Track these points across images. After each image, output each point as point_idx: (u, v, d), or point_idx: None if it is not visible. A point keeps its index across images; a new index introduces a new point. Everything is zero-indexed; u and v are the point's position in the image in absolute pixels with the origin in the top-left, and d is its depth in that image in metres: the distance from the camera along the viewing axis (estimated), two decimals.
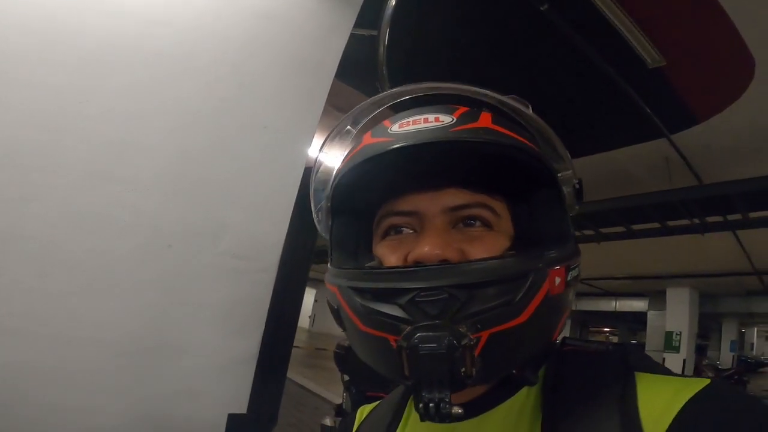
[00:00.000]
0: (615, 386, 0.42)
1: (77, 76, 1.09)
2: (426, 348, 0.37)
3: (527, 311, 0.40)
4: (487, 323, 0.39)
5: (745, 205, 4.51)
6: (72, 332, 1.11)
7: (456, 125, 0.45)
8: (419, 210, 0.48)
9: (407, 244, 0.47)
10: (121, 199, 1.12)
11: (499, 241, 0.47)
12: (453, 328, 0.38)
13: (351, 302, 0.44)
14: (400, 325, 0.40)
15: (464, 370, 0.38)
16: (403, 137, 0.45)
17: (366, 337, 0.43)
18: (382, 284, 0.43)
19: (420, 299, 0.39)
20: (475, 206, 0.47)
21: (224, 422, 1.33)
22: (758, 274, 9.49)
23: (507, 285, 0.41)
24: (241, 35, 1.36)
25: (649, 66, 2.93)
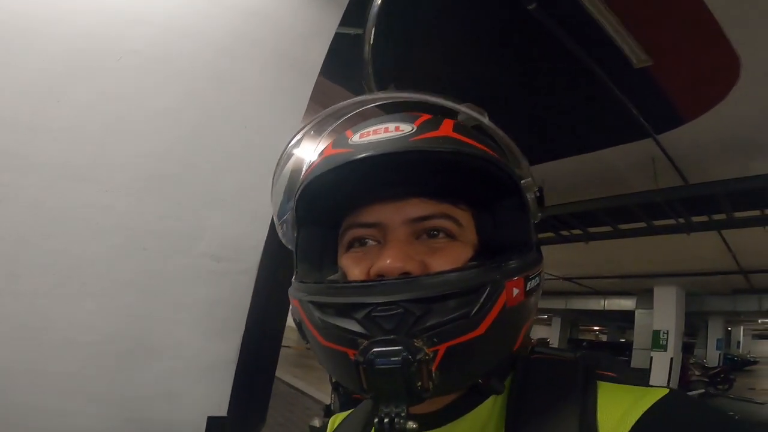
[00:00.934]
0: (576, 395, 0.43)
1: (51, 75, 1.07)
2: (381, 363, 0.37)
3: (484, 323, 0.40)
4: (444, 336, 0.39)
5: (730, 204, 4.57)
6: (44, 334, 1.09)
7: (416, 134, 0.44)
8: (382, 221, 0.47)
9: (371, 256, 0.47)
10: (95, 200, 1.10)
11: (461, 252, 0.47)
12: (408, 342, 0.38)
13: (311, 317, 0.44)
14: (357, 339, 0.39)
15: (420, 384, 0.37)
16: (362, 148, 0.44)
17: (326, 351, 0.43)
18: (339, 299, 0.43)
19: (376, 314, 0.39)
20: (438, 217, 0.47)
21: (204, 425, 1.31)
22: (744, 273, 9.63)
23: (463, 298, 0.40)
24: (223, 33, 1.34)
25: (635, 66, 2.94)
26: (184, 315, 1.25)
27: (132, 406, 1.19)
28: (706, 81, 3.21)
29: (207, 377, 1.32)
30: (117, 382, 1.17)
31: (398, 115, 0.48)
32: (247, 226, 1.34)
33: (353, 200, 0.49)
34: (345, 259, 0.50)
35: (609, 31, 2.67)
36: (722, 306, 13.45)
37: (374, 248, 0.48)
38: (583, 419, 0.40)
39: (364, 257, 0.48)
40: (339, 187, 0.47)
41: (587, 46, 2.83)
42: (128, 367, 1.19)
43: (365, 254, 0.48)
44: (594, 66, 2.95)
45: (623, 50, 2.80)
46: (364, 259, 0.47)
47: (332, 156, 0.46)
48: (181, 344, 1.26)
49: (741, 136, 3.82)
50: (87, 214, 1.10)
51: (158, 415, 1.23)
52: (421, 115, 0.47)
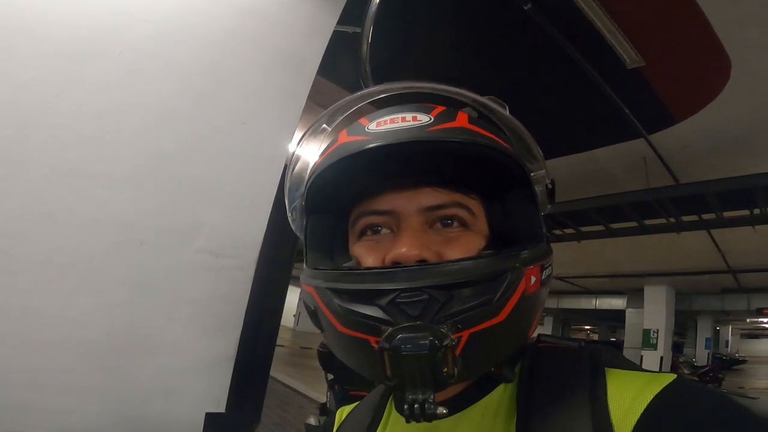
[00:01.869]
0: (585, 381, 0.43)
1: (48, 70, 1.06)
2: (408, 349, 0.37)
3: (505, 310, 0.41)
4: (467, 323, 0.39)
5: (720, 204, 4.64)
6: (41, 331, 1.08)
7: (433, 125, 0.45)
8: (396, 209, 0.47)
9: (384, 245, 0.47)
10: (92, 196, 1.09)
11: (475, 241, 0.47)
12: (434, 328, 0.38)
13: (329, 303, 0.44)
14: (380, 326, 0.39)
15: (446, 369, 0.38)
16: (380, 136, 0.45)
17: (345, 338, 0.43)
18: (361, 285, 0.42)
19: (400, 300, 0.39)
20: (451, 206, 0.47)
21: (202, 421, 1.30)
22: (732, 272, 9.75)
23: (485, 285, 0.41)
24: (222, 31, 1.34)
25: (628, 66, 2.98)
26: (182, 311, 1.25)
27: (129, 402, 1.19)
28: (697, 82, 3.25)
29: (205, 374, 1.32)
30: (114, 378, 1.17)
31: (414, 105, 0.48)
32: (246, 222, 1.34)
33: (366, 188, 0.49)
34: (358, 247, 0.50)
35: (603, 32, 2.70)
36: (711, 305, 13.60)
37: (388, 236, 0.48)
38: (595, 404, 0.41)
39: (377, 245, 0.48)
40: (353, 174, 0.47)
41: (581, 47, 2.86)
42: (125, 363, 1.18)
43: (378, 242, 0.48)
44: (587, 66, 2.98)
45: (616, 51, 2.83)
46: (378, 248, 0.47)
47: (349, 143, 0.46)
48: (179, 340, 1.26)
49: (731, 136, 3.87)
50: (84, 210, 1.09)
51: (156, 411, 1.22)
52: (436, 107, 0.48)
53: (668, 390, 0.40)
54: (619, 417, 0.39)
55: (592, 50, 2.87)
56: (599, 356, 0.47)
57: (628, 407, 0.39)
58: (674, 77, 3.15)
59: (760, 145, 3.95)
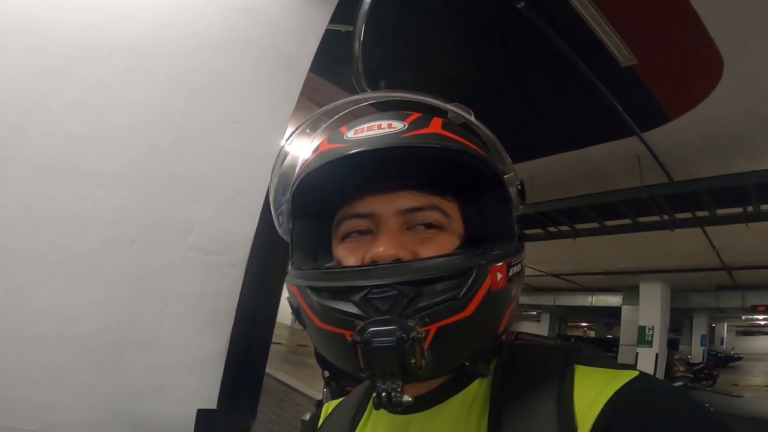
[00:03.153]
0: (555, 377, 0.45)
1: (38, 69, 1.07)
2: (378, 341, 0.40)
3: (471, 305, 0.43)
4: (435, 317, 0.41)
5: (714, 202, 4.65)
6: (34, 327, 1.09)
7: (407, 131, 0.47)
8: (375, 212, 0.50)
9: (365, 246, 0.49)
10: (84, 194, 1.10)
11: (449, 241, 0.50)
12: (402, 321, 0.40)
13: (309, 301, 0.46)
14: (354, 321, 0.42)
15: (414, 361, 0.40)
16: (357, 143, 0.47)
17: (324, 334, 0.45)
18: (336, 283, 0.45)
19: (372, 296, 0.42)
20: (427, 209, 0.50)
21: (194, 417, 1.31)
22: (727, 270, 9.79)
23: (452, 281, 0.43)
24: (213, 29, 1.34)
25: (621, 64, 2.99)
26: (174, 308, 1.26)
27: (122, 398, 1.20)
28: (690, 80, 3.26)
29: (197, 370, 1.32)
30: (106, 375, 1.17)
31: (391, 113, 0.51)
32: (237, 219, 1.35)
33: (347, 192, 0.51)
34: (340, 249, 0.52)
35: (596, 31, 2.71)
36: (706, 302, 13.62)
37: (368, 238, 0.50)
38: (561, 399, 0.43)
39: (358, 247, 0.50)
40: (334, 179, 0.49)
41: (574, 45, 2.87)
42: (118, 360, 1.19)
43: (359, 244, 0.50)
44: (581, 64, 2.99)
45: (609, 49, 2.84)
46: (359, 249, 0.50)
47: (328, 150, 0.49)
48: (171, 337, 1.27)
49: (724, 134, 3.89)
50: (76, 208, 1.10)
51: (148, 407, 1.24)
52: (411, 114, 0.51)
53: (628, 386, 0.42)
54: (582, 411, 0.41)
55: (585, 49, 2.88)
56: (571, 353, 0.49)
57: (591, 402, 0.42)
58: (667, 75, 3.17)
59: (753, 142, 3.97)
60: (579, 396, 0.43)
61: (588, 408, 0.41)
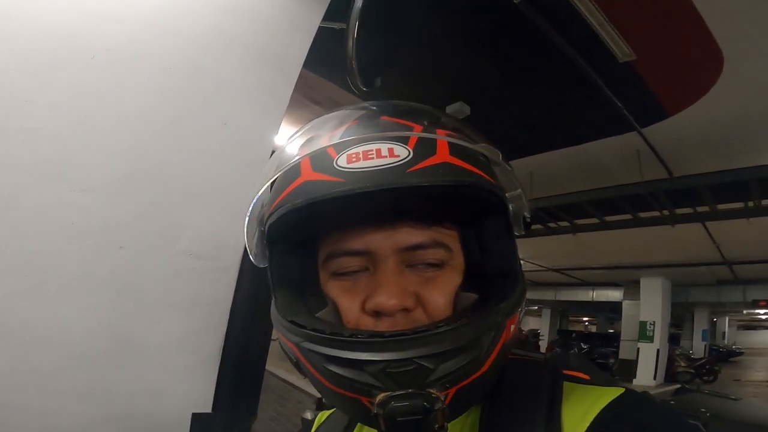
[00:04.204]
0: (543, 398, 0.45)
1: (23, 74, 1.05)
2: (403, 415, 0.38)
3: (488, 363, 0.42)
4: (455, 382, 0.40)
5: (714, 197, 4.64)
6: (23, 334, 1.08)
7: (413, 162, 0.41)
8: (371, 249, 0.45)
9: (362, 287, 0.45)
10: (70, 200, 1.09)
11: (452, 280, 0.47)
12: (426, 394, 0.39)
13: (314, 364, 0.43)
14: (372, 390, 0.40)
15: (437, 425, 0.39)
16: (354, 179, 0.41)
17: (335, 395, 0.43)
18: (349, 354, 0.41)
19: (390, 370, 0.39)
20: (429, 246, 0.46)
21: (188, 421, 1.31)
22: (728, 264, 9.79)
23: (471, 346, 0.41)
24: (201, 31, 1.32)
25: (620, 60, 2.97)
26: (165, 313, 1.25)
27: (115, 403, 1.19)
28: (689, 75, 3.24)
29: (190, 374, 1.32)
30: (98, 380, 1.17)
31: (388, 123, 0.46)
32: (227, 223, 1.34)
33: (338, 226, 0.46)
34: (333, 288, 0.47)
35: (594, 26, 2.69)
36: (707, 297, 13.65)
37: (364, 278, 0.46)
38: (549, 420, 0.43)
39: (354, 287, 0.46)
40: (321, 213, 0.44)
41: (573, 41, 2.85)
42: (109, 365, 1.19)
43: (355, 284, 0.46)
44: (579, 60, 2.97)
45: (608, 45, 2.82)
46: (355, 290, 0.46)
47: (316, 183, 0.42)
48: (163, 342, 1.26)
49: (725, 129, 3.87)
50: (62, 214, 1.09)
51: (142, 412, 1.23)
52: (412, 127, 0.45)
53: (614, 404, 0.43)
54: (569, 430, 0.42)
55: (583, 44, 2.86)
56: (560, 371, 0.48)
57: (578, 421, 0.42)
58: (666, 71, 3.15)
59: (753, 138, 3.95)
60: (567, 416, 0.43)
61: (575, 427, 0.42)
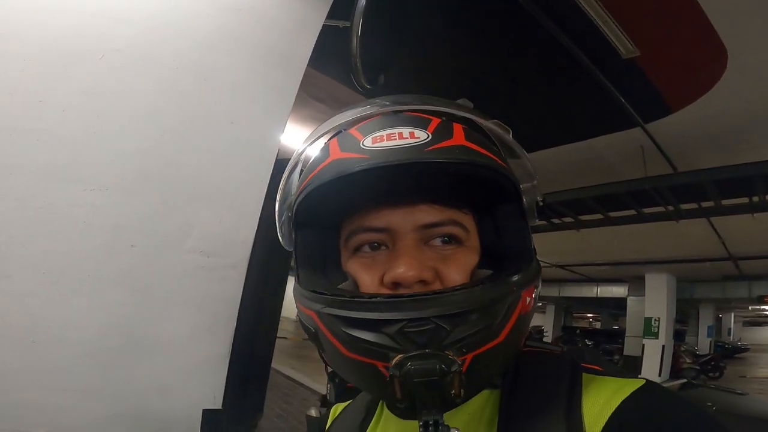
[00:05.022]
0: (563, 388, 0.45)
1: (33, 75, 1.07)
2: (420, 376, 0.38)
3: (504, 331, 0.42)
4: (471, 347, 0.40)
5: (718, 192, 4.62)
6: (37, 332, 1.10)
7: (431, 143, 0.44)
8: (392, 227, 0.47)
9: (381, 262, 0.47)
10: (81, 199, 1.11)
11: (469, 258, 0.48)
12: (443, 355, 0.39)
13: (333, 329, 0.44)
14: (389, 353, 0.40)
15: (454, 391, 0.39)
16: (377, 155, 0.44)
17: (351, 362, 0.43)
18: (368, 314, 0.42)
19: (408, 329, 0.40)
20: (447, 224, 0.48)
21: (199, 418, 1.33)
22: (733, 260, 9.74)
23: (487, 310, 0.42)
24: (208, 31, 1.34)
25: (624, 56, 2.96)
26: (175, 311, 1.26)
27: (127, 400, 1.21)
28: (693, 71, 3.23)
29: (200, 371, 1.34)
30: (110, 377, 1.19)
31: (409, 117, 0.48)
32: (236, 221, 1.35)
33: (359, 203, 0.48)
34: (353, 264, 0.49)
35: (597, 22, 2.69)
36: (713, 293, 13.55)
37: (383, 254, 0.48)
38: (569, 411, 0.43)
39: (373, 263, 0.48)
40: (346, 190, 0.46)
41: (576, 37, 2.84)
42: (121, 362, 1.20)
43: (374, 260, 0.48)
44: (582, 56, 2.97)
45: (611, 41, 2.81)
46: (374, 265, 0.48)
47: (343, 160, 0.45)
48: (173, 339, 1.28)
49: (729, 124, 3.86)
50: (73, 214, 1.11)
51: (153, 409, 1.25)
52: (431, 119, 0.47)
53: (635, 395, 0.43)
54: (590, 422, 0.42)
55: (586, 40, 2.85)
56: (579, 362, 0.49)
57: (599, 412, 0.42)
58: (670, 67, 3.14)
59: (758, 133, 3.93)
60: (587, 406, 0.43)
61: (596, 418, 0.42)
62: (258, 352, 1.95)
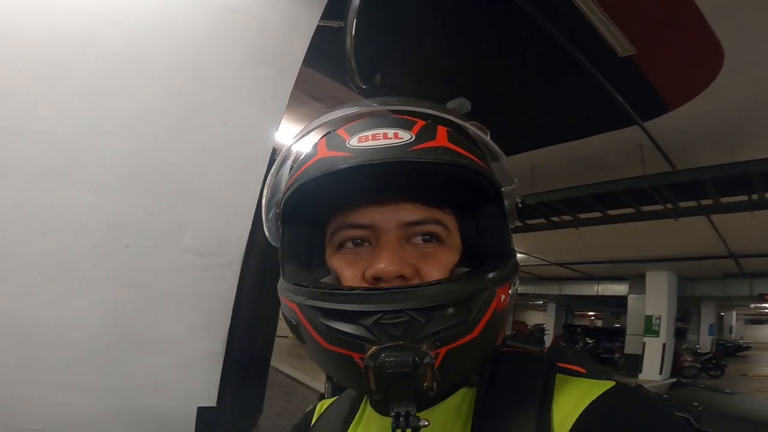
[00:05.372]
0: (537, 388, 0.46)
1: (27, 77, 1.08)
2: (393, 367, 0.39)
3: (479, 327, 0.43)
4: (445, 341, 0.42)
5: (717, 190, 4.62)
6: (33, 331, 1.11)
7: (414, 143, 0.46)
8: (375, 224, 0.48)
9: (363, 259, 0.48)
10: (76, 200, 1.12)
11: (449, 257, 0.49)
12: (416, 348, 0.40)
13: (313, 321, 0.45)
14: (364, 344, 0.41)
15: (426, 384, 0.40)
16: (362, 154, 0.45)
17: (329, 354, 0.44)
18: (345, 306, 0.43)
19: (384, 321, 0.41)
20: (429, 222, 0.49)
21: (194, 415, 1.34)
22: (734, 257, 9.73)
23: (462, 305, 0.43)
24: (201, 32, 1.35)
25: (620, 55, 2.97)
26: (170, 309, 1.28)
27: (123, 398, 1.22)
28: (690, 69, 3.24)
29: (195, 369, 1.35)
30: (106, 375, 1.20)
31: (395, 119, 0.49)
32: (230, 220, 1.36)
33: (344, 201, 0.50)
34: (336, 260, 0.51)
35: (593, 21, 2.69)
36: (714, 291, 13.54)
37: (366, 250, 0.49)
38: (541, 411, 0.44)
39: (356, 259, 0.49)
40: (332, 187, 0.48)
41: (572, 36, 2.85)
42: (117, 360, 1.21)
43: (357, 256, 0.49)
44: (578, 55, 2.97)
45: (607, 39, 2.82)
46: (357, 261, 0.49)
47: (330, 158, 0.47)
48: (168, 337, 1.29)
49: (727, 123, 3.87)
50: (69, 214, 1.12)
51: (149, 406, 1.26)
52: (416, 121, 0.49)
53: (602, 397, 0.44)
54: (559, 422, 0.43)
55: (583, 38, 2.86)
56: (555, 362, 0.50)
57: (568, 413, 0.43)
58: (667, 65, 3.15)
59: (756, 131, 3.94)
60: (558, 407, 0.44)
61: (564, 419, 0.43)
62: (256, 351, 1.96)
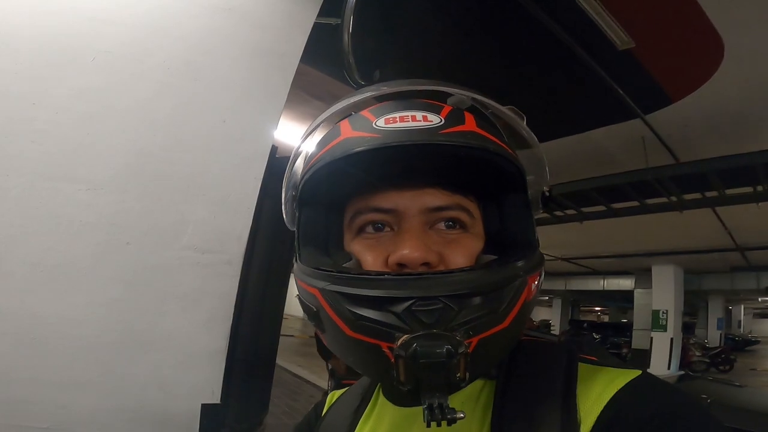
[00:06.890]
0: (559, 377, 0.45)
1: (26, 78, 1.09)
2: (426, 357, 0.37)
3: (510, 317, 0.42)
4: (478, 330, 0.40)
5: (721, 182, 4.59)
6: (37, 329, 1.13)
7: (444, 127, 0.44)
8: (398, 208, 0.47)
9: (385, 244, 0.47)
10: (77, 199, 1.13)
11: (474, 244, 0.48)
12: (450, 336, 0.38)
13: (337, 307, 0.42)
14: (394, 333, 0.39)
15: (459, 374, 0.38)
16: (390, 135, 0.44)
17: (354, 343, 0.42)
18: (376, 292, 0.41)
19: (416, 308, 0.39)
20: (453, 208, 0.47)
21: (198, 412, 1.35)
22: (741, 250, 9.64)
23: (495, 293, 0.42)
24: (199, 31, 1.36)
25: (619, 48, 2.95)
26: (171, 306, 1.29)
27: (126, 395, 1.23)
28: (691, 61, 3.22)
29: (198, 366, 1.35)
30: (110, 373, 1.21)
31: (422, 103, 0.48)
32: (230, 217, 1.37)
33: (366, 184, 0.48)
34: (357, 244, 0.49)
35: (591, 14, 2.68)
36: (721, 284, 13.38)
37: (387, 235, 0.48)
38: (565, 399, 0.43)
39: (377, 244, 0.47)
40: (354, 169, 0.46)
41: (571, 30, 2.84)
42: (120, 358, 1.23)
43: (378, 241, 0.48)
44: (578, 49, 2.96)
45: (606, 33, 2.81)
46: (378, 247, 0.47)
47: (355, 138, 0.45)
48: (170, 335, 1.30)
49: (729, 114, 3.83)
50: (70, 213, 1.13)
51: (152, 403, 1.27)
52: (444, 106, 0.48)
53: (630, 385, 0.42)
54: (585, 411, 0.42)
55: (582, 32, 2.84)
56: (575, 352, 0.48)
57: (594, 401, 0.42)
58: (667, 58, 3.12)
59: (760, 122, 3.90)
60: (582, 396, 0.43)
61: (590, 408, 0.41)
62: (261, 349, 1.96)
